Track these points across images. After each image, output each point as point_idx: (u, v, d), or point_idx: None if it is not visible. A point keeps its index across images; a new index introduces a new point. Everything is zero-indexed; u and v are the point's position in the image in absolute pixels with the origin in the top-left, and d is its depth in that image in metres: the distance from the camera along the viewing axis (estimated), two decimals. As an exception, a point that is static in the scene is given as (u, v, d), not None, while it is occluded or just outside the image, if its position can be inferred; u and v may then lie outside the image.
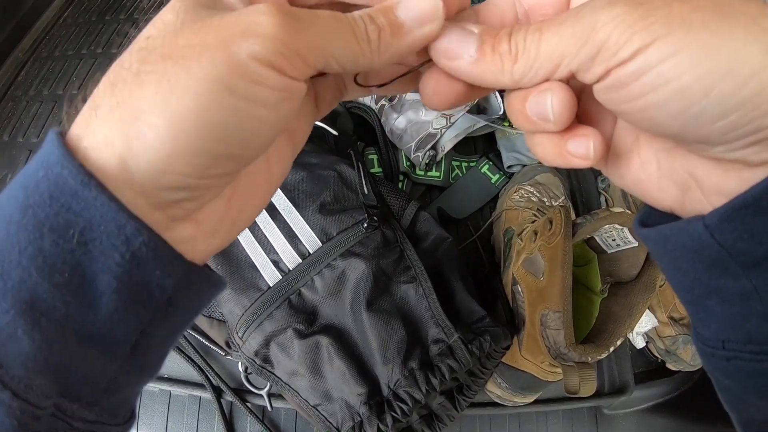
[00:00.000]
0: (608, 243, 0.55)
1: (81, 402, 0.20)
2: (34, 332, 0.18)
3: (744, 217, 0.20)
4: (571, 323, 0.48)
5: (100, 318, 0.19)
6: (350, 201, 0.61)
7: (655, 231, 0.24)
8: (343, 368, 0.51)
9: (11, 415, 0.18)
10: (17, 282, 0.17)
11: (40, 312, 0.18)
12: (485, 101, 0.81)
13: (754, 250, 0.20)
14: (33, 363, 0.18)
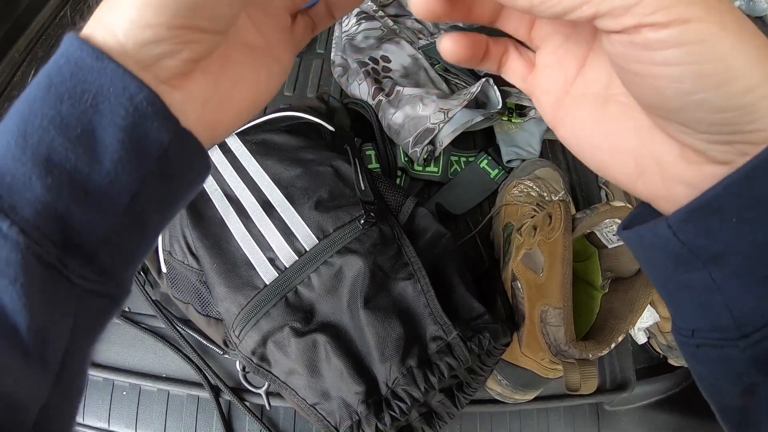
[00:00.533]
0: (609, 238, 0.54)
1: (81, 257, 0.22)
2: (46, 178, 0.21)
3: (699, 217, 0.22)
4: (571, 320, 0.47)
5: (103, 170, 0.22)
6: (347, 197, 0.60)
7: (633, 232, 0.26)
8: (341, 367, 0.50)
9: (18, 250, 0.20)
10: (37, 140, 0.21)
11: (54, 163, 0.21)
12: (484, 96, 0.80)
13: (711, 245, 0.22)
14: (42, 206, 0.21)
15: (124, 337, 0.71)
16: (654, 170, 0.24)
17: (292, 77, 0.95)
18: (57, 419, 0.25)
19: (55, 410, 0.24)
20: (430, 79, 0.86)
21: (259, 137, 0.65)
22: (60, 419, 0.25)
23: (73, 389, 0.26)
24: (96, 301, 0.25)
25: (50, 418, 0.24)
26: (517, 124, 0.83)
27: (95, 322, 0.26)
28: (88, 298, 0.24)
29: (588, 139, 0.26)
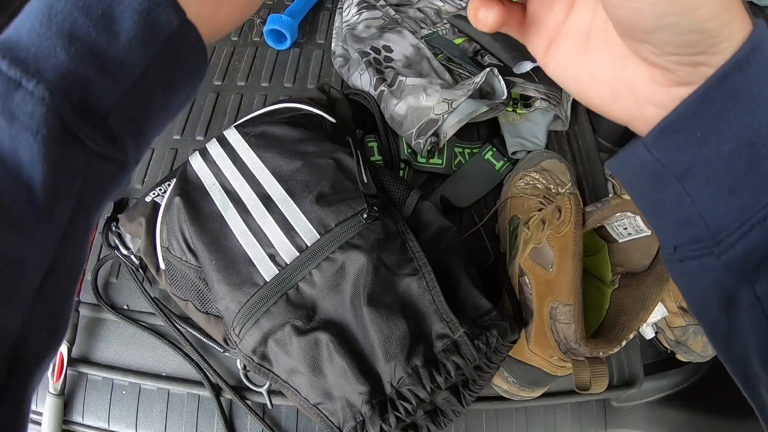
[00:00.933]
0: (619, 232, 0.52)
1: (94, 121, 0.26)
2: (69, 49, 0.24)
3: (668, 134, 0.26)
4: (582, 317, 0.46)
5: (119, 46, 0.25)
6: (349, 191, 0.58)
7: (616, 158, 0.29)
8: (344, 366, 0.49)
9: (43, 105, 0.23)
10: (61, 19, 0.24)
11: (76, 37, 0.24)
12: (488, 86, 0.78)
13: (681, 159, 0.25)
14: (65, 72, 0.24)
15: (123, 335, 0.70)
16: (628, 95, 0.27)
17: (291, 68, 0.93)
18: (60, 281, 0.27)
19: (59, 274, 0.27)
20: (433, 69, 0.84)
21: (258, 129, 0.63)
22: (63, 281, 0.28)
23: (77, 254, 0.29)
24: (104, 164, 0.28)
25: (54, 279, 0.27)
26: (522, 115, 0.82)
27: (102, 185, 0.28)
28: (97, 161, 0.27)
29: (572, 70, 0.30)
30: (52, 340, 0.28)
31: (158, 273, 0.63)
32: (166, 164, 0.82)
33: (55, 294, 0.27)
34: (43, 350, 0.27)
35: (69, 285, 0.29)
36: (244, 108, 0.89)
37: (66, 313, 0.29)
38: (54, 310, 0.28)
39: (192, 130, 0.86)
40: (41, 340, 0.26)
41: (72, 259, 0.28)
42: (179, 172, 0.64)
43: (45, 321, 0.27)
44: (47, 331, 0.27)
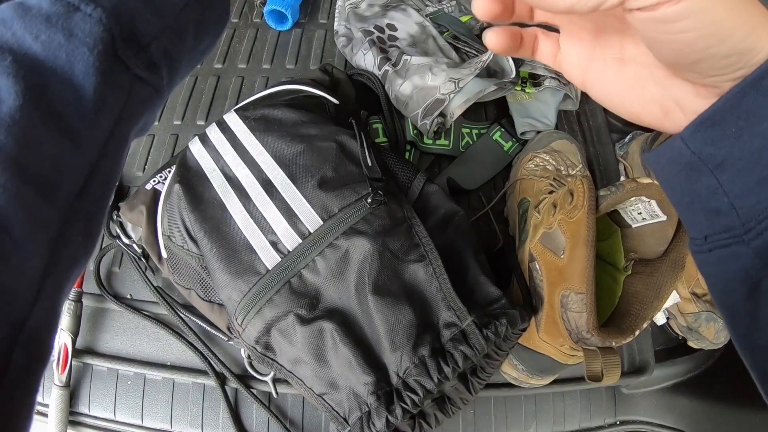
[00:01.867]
0: (633, 216, 0.50)
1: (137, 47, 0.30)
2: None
3: (705, 128, 0.27)
4: (594, 306, 0.44)
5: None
6: (353, 174, 0.56)
7: (653, 152, 0.31)
8: (349, 356, 0.48)
9: (100, 25, 0.27)
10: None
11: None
12: (496, 64, 0.76)
13: (716, 153, 0.27)
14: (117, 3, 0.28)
15: (127, 325, 0.70)
16: (676, 109, 0.29)
17: (293, 50, 0.91)
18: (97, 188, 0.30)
19: (96, 181, 0.29)
20: (439, 48, 0.81)
21: (259, 113, 0.61)
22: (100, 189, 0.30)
23: (114, 165, 0.31)
24: (143, 87, 0.32)
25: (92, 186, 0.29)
26: (531, 94, 0.79)
27: (140, 106, 0.32)
28: (138, 83, 0.31)
29: (616, 95, 0.32)
30: (87, 243, 0.30)
31: (160, 262, 0.62)
32: (167, 150, 0.81)
33: (92, 200, 0.30)
34: (78, 251, 0.29)
35: (104, 194, 0.31)
36: (245, 91, 0.87)
37: (100, 222, 0.32)
38: (90, 216, 0.30)
39: (192, 115, 0.84)
40: (77, 241, 0.29)
41: (109, 170, 0.31)
42: (179, 158, 0.62)
43: (82, 222, 0.29)
44: (83, 233, 0.29)
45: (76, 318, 0.66)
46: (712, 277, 0.31)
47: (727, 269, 0.29)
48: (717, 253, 0.29)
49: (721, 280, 0.30)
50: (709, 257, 0.30)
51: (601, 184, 0.78)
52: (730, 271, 0.29)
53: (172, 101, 0.85)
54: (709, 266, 0.30)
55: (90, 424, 0.66)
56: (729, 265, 0.28)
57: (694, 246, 0.31)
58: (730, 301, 0.29)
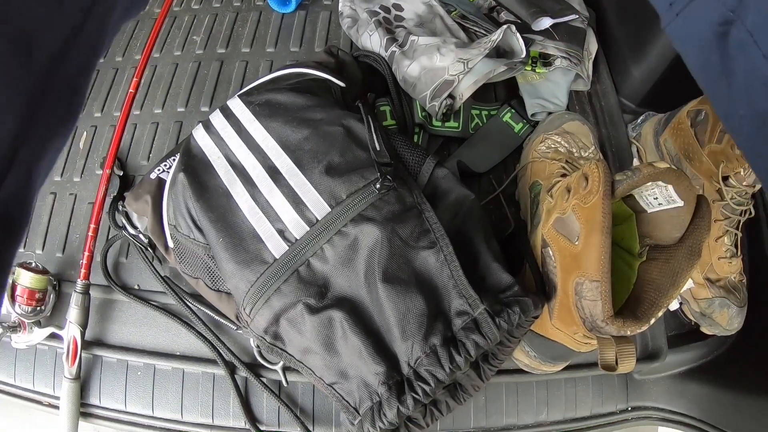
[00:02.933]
0: (649, 201, 0.49)
1: None
2: None
3: None
4: (610, 295, 0.43)
5: None
6: (360, 159, 0.55)
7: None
8: (359, 345, 0.47)
9: None
10: None
11: None
12: (506, 44, 0.74)
13: None
14: None
15: (135, 316, 0.69)
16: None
17: (297, 32, 0.89)
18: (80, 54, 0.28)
19: (79, 47, 0.27)
20: (446, 27, 0.79)
21: (263, 98, 0.60)
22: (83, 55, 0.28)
23: (98, 33, 0.29)
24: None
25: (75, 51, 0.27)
26: (542, 74, 0.77)
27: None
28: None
29: None
30: (66, 117, 0.29)
31: (167, 252, 0.61)
32: (171, 138, 0.79)
33: (74, 66, 0.28)
34: (56, 124, 0.27)
35: (88, 61, 0.29)
36: (249, 76, 0.85)
37: (81, 92, 0.30)
38: (71, 82, 0.28)
39: (196, 102, 0.82)
40: (56, 110, 0.27)
41: (93, 36, 0.29)
42: (183, 146, 0.61)
43: (61, 91, 0.27)
44: (63, 103, 0.28)
45: (85, 310, 0.66)
46: (685, 44, 0.32)
47: (695, 28, 0.30)
48: (683, 15, 0.31)
49: (694, 45, 0.31)
50: (677, 23, 0.31)
51: (614, 166, 0.77)
52: (699, 30, 0.30)
53: (175, 88, 0.84)
54: (680, 33, 0.32)
55: (101, 416, 0.67)
56: (696, 21, 0.30)
57: (664, 21, 0.33)
58: (706, 67, 0.31)
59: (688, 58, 0.33)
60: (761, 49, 0.27)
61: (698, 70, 0.32)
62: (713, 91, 0.31)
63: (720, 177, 0.65)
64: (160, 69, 0.86)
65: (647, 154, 0.77)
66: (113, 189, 0.73)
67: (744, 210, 0.67)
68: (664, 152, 0.74)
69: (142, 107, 0.82)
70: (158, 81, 0.84)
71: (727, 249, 0.68)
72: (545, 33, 0.76)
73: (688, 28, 0.31)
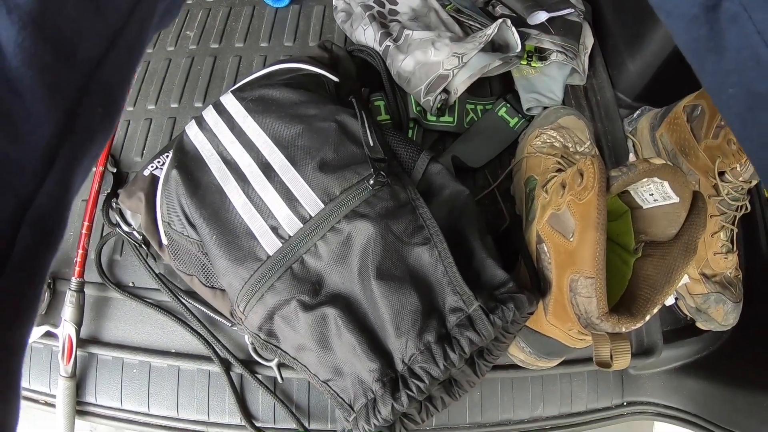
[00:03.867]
0: (644, 198, 0.49)
1: None
2: None
3: None
4: (605, 292, 0.43)
5: None
6: (354, 155, 0.55)
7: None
8: (353, 342, 0.47)
9: None
10: None
11: None
12: (501, 38, 0.73)
13: None
14: None
15: (130, 313, 0.69)
16: None
17: (291, 26, 0.88)
18: (123, 58, 0.27)
19: (123, 47, 0.27)
20: (441, 22, 0.78)
21: (256, 93, 0.59)
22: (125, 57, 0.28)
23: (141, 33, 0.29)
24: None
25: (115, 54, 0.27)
26: (538, 69, 0.77)
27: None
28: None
29: None
30: (107, 118, 0.28)
31: (161, 249, 0.61)
32: (165, 134, 0.79)
33: (114, 70, 0.27)
34: (96, 125, 0.27)
35: (128, 64, 0.29)
36: (243, 71, 0.84)
37: (123, 94, 0.29)
38: (111, 87, 0.27)
39: (190, 97, 0.82)
40: (96, 113, 0.26)
41: (133, 38, 0.28)
42: (176, 142, 0.61)
43: (102, 94, 0.27)
44: (102, 106, 0.27)
45: (79, 308, 0.66)
46: (671, 16, 0.30)
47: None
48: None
49: (681, 17, 0.29)
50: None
51: (610, 161, 0.76)
52: (686, 1, 0.28)
53: (168, 83, 0.83)
54: (666, 3, 0.30)
55: (97, 414, 0.67)
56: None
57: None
58: (694, 40, 0.29)
59: (675, 31, 0.31)
60: (755, 24, 0.25)
61: (686, 44, 0.30)
62: (701, 66, 0.30)
63: (716, 172, 0.65)
64: (153, 64, 0.85)
65: (643, 148, 0.77)
66: (107, 186, 0.72)
67: (740, 205, 0.67)
68: (660, 147, 0.73)
69: (135, 103, 0.81)
70: (151, 77, 0.84)
71: (723, 244, 0.68)
72: (541, 27, 0.75)
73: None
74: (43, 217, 0.24)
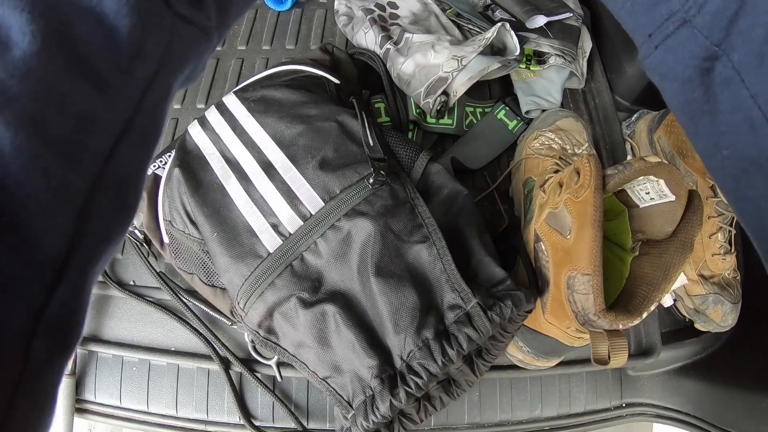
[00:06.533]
0: (641, 196, 0.49)
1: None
2: None
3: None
4: (601, 288, 0.43)
5: None
6: (354, 155, 0.55)
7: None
8: (352, 339, 0.47)
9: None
10: None
11: None
12: (500, 42, 0.74)
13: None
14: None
15: (130, 312, 0.69)
16: None
17: (293, 30, 0.89)
18: (133, 149, 0.25)
19: (132, 140, 0.25)
20: (441, 25, 0.79)
21: (258, 94, 0.60)
22: (136, 149, 0.25)
23: (154, 122, 0.26)
24: (188, 28, 0.27)
25: (127, 145, 0.24)
26: (536, 72, 0.77)
27: (186, 50, 0.27)
28: (181, 24, 0.26)
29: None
30: (121, 216, 0.25)
31: (162, 247, 0.61)
32: (167, 134, 0.80)
33: (125, 164, 0.25)
34: (109, 225, 0.24)
35: (143, 155, 0.26)
36: (245, 73, 0.85)
37: (137, 188, 0.27)
38: (124, 180, 0.25)
39: (192, 99, 0.83)
40: (108, 212, 0.24)
41: (148, 126, 0.26)
42: (178, 142, 0.61)
43: (113, 191, 0.24)
44: (115, 204, 0.24)
45: (79, 304, 0.66)
46: (665, 78, 0.30)
47: (677, 62, 0.28)
48: (664, 46, 0.29)
49: (675, 79, 0.29)
50: (657, 56, 0.30)
51: (608, 164, 0.77)
52: (681, 64, 0.28)
53: (171, 84, 0.84)
54: (660, 66, 0.30)
55: (96, 411, 0.67)
56: (678, 54, 0.28)
57: (642, 53, 0.31)
58: (687, 103, 0.29)
59: (668, 93, 0.31)
60: (748, 89, 0.25)
61: (679, 107, 0.30)
62: (695, 129, 0.30)
63: (713, 174, 0.65)
64: (156, 66, 0.86)
65: (641, 151, 0.78)
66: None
67: (737, 207, 0.67)
68: (658, 149, 0.74)
69: (138, 104, 0.82)
70: (154, 78, 0.84)
71: (721, 246, 0.68)
72: (539, 31, 0.76)
73: (669, 61, 0.29)
74: (57, 325, 0.21)
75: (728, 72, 0.26)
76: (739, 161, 0.27)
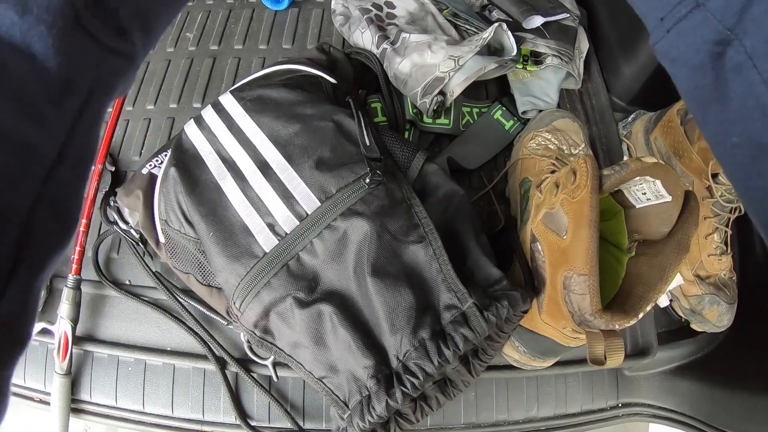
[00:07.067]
0: (637, 197, 0.49)
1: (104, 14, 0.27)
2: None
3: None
4: (597, 288, 0.43)
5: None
6: (350, 154, 0.55)
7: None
8: (348, 339, 0.47)
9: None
10: None
11: None
12: (497, 42, 0.74)
13: None
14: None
15: (126, 311, 0.69)
16: None
17: (290, 29, 0.89)
18: (69, 170, 0.27)
19: (68, 162, 0.27)
20: (438, 25, 0.79)
21: (254, 93, 0.60)
22: (72, 170, 0.28)
23: (86, 144, 0.29)
24: (114, 59, 0.29)
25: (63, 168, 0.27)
26: (533, 72, 0.78)
27: (113, 79, 0.29)
28: (107, 55, 0.28)
29: None
30: (61, 232, 0.28)
31: (158, 247, 0.61)
32: (163, 134, 0.79)
33: (64, 182, 0.27)
34: (51, 241, 0.27)
35: (78, 175, 0.29)
36: (241, 72, 0.85)
37: (76, 206, 0.29)
38: (63, 199, 0.27)
39: (189, 98, 0.82)
40: (49, 229, 0.26)
41: (81, 149, 0.28)
42: (174, 141, 0.61)
43: (53, 210, 0.27)
44: (56, 221, 0.27)
45: (76, 305, 0.66)
46: (676, 63, 0.30)
47: (688, 46, 0.28)
48: (676, 30, 0.29)
49: (685, 64, 0.29)
50: (668, 40, 0.30)
51: (605, 164, 0.77)
52: (692, 48, 0.28)
53: (167, 84, 0.84)
54: (671, 51, 0.30)
55: (92, 411, 0.67)
56: (690, 38, 0.28)
57: (654, 38, 0.31)
58: (697, 89, 0.29)
59: (679, 79, 0.31)
60: (761, 74, 0.25)
61: (689, 93, 0.30)
62: (704, 116, 0.29)
63: (710, 174, 0.65)
64: (152, 65, 0.86)
65: (638, 152, 0.78)
66: (105, 184, 0.73)
67: (733, 207, 0.67)
68: (654, 150, 0.74)
69: (134, 103, 0.82)
70: (151, 77, 0.84)
71: (717, 246, 0.69)
72: (536, 31, 0.76)
73: (681, 46, 0.29)
74: (7, 324, 0.24)
75: (740, 57, 0.26)
76: (748, 149, 0.27)
